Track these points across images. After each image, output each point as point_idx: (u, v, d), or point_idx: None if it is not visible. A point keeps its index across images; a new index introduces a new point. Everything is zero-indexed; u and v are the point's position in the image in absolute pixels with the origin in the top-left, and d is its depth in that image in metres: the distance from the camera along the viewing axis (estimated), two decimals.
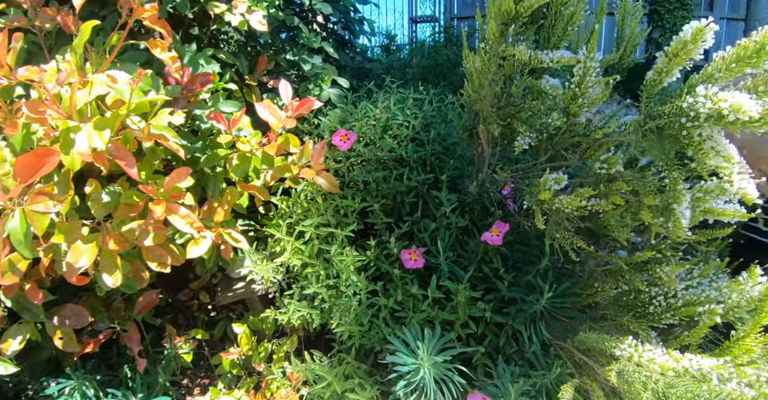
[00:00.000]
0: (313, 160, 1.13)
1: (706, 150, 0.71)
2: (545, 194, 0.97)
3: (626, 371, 0.83)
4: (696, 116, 0.68)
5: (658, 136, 0.82)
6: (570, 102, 0.92)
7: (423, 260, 1.18)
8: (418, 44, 2.90)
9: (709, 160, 0.71)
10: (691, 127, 0.70)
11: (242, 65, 1.39)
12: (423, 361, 0.96)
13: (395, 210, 1.38)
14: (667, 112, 0.75)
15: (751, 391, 0.61)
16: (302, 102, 1.07)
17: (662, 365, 0.78)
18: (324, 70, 1.52)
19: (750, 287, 0.84)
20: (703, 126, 0.69)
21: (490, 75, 0.96)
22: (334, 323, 1.17)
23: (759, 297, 0.84)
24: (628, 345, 0.87)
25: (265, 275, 1.27)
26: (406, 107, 1.38)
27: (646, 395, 0.77)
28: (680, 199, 0.77)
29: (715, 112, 0.65)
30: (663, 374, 0.77)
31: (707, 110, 0.66)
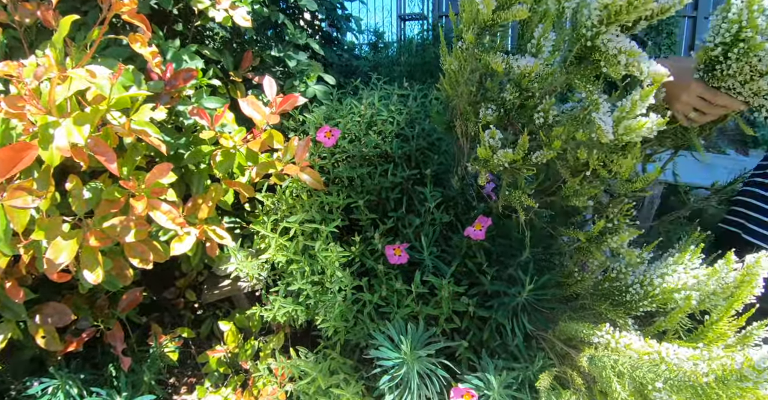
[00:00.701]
0: (298, 156, 1.13)
1: (613, 53, 0.76)
2: (484, 151, 0.98)
3: (597, 356, 0.84)
4: (592, 24, 0.74)
5: (578, 64, 0.86)
6: (522, 77, 0.94)
7: (407, 256, 1.18)
8: (406, 42, 2.90)
9: (618, 63, 0.76)
10: (594, 36, 0.75)
11: (227, 61, 1.39)
12: (407, 355, 0.97)
13: (380, 206, 1.38)
14: (576, 36, 0.80)
15: (704, 366, 0.63)
16: (286, 98, 1.07)
17: (639, 350, 0.79)
18: (310, 66, 1.52)
19: (725, 273, 0.86)
20: (601, 30, 0.74)
21: (466, 74, 0.97)
22: (319, 319, 1.18)
23: (734, 284, 0.86)
24: (605, 332, 0.88)
25: (250, 271, 1.26)
26: (390, 103, 1.39)
27: (615, 378, 0.79)
28: (597, 107, 0.81)
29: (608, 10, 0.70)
30: (633, 357, 0.79)
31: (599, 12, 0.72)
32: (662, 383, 0.68)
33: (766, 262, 0.83)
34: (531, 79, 0.93)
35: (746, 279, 0.86)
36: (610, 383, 0.78)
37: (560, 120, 0.97)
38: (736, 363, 0.57)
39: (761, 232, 1.05)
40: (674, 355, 0.77)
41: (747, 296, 0.85)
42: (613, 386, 0.77)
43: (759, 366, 0.54)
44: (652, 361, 0.71)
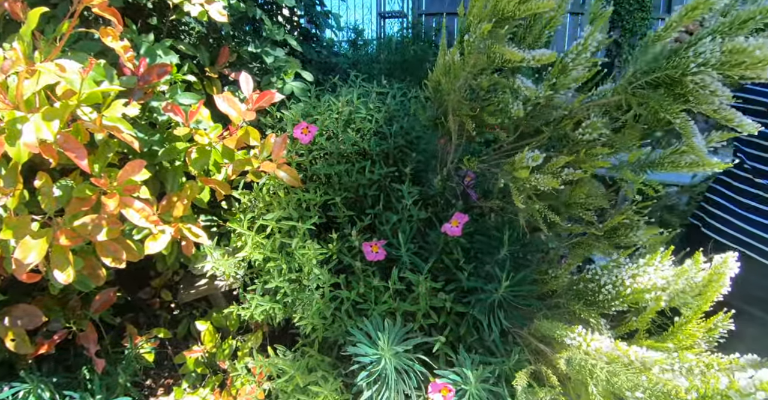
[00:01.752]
0: (275, 153, 1.12)
1: (705, 94, 0.78)
2: (522, 172, 1.00)
3: (575, 358, 0.86)
4: (704, 63, 0.75)
5: (653, 89, 0.87)
6: (559, 75, 0.95)
7: (384, 252, 1.19)
8: (385, 40, 2.90)
9: (709, 103, 0.78)
10: (696, 72, 0.76)
11: (203, 57, 1.37)
12: (384, 351, 0.97)
13: (357, 203, 1.39)
14: (665, 64, 0.81)
15: (684, 381, 0.65)
16: (262, 94, 1.06)
17: (609, 354, 0.81)
18: (287, 63, 1.50)
19: (694, 273, 0.88)
20: (707, 72, 0.75)
21: (468, 68, 0.98)
22: (297, 316, 1.17)
23: (702, 283, 0.89)
24: (577, 334, 0.90)
25: (227, 270, 1.25)
26: (369, 101, 1.39)
27: (592, 382, 0.80)
28: (690, 133, 0.83)
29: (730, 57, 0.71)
30: (608, 363, 0.81)
31: (717, 55, 0.73)
32: (641, 393, 0.69)
33: (733, 262, 0.86)
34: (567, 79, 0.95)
35: (714, 279, 0.88)
36: (586, 386, 0.79)
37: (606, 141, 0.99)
38: (721, 383, 0.59)
39: (717, 226, 1.09)
40: (642, 359, 0.79)
41: (715, 296, 0.87)
42: (590, 389, 0.79)
43: (745, 390, 0.55)
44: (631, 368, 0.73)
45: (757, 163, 1.05)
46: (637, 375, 0.72)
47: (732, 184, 1.10)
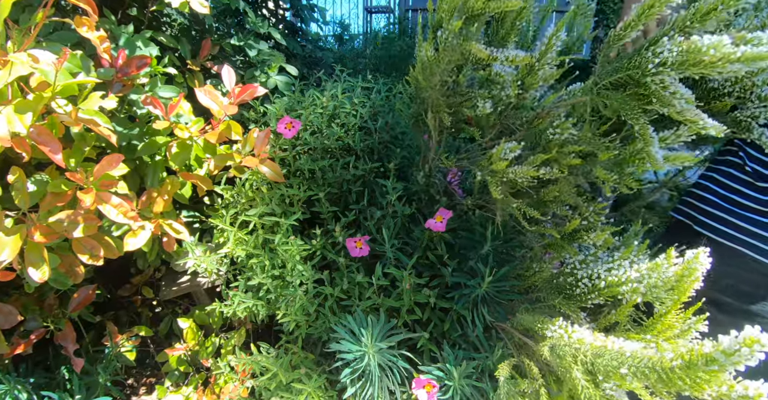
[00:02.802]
0: (257, 148, 1.11)
1: (668, 96, 0.76)
2: (500, 164, 0.99)
3: (558, 345, 0.86)
4: (662, 63, 0.73)
5: (616, 91, 0.86)
6: (526, 75, 0.95)
7: (368, 248, 1.18)
8: (371, 35, 2.88)
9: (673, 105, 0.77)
10: (656, 73, 0.75)
11: (184, 49, 1.34)
12: (368, 348, 0.97)
13: (341, 199, 1.38)
14: (626, 65, 0.79)
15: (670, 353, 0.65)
16: (244, 88, 1.04)
17: (592, 344, 0.82)
18: (271, 56, 1.48)
19: (665, 268, 0.89)
20: (666, 72, 0.73)
21: (443, 64, 0.97)
22: (280, 313, 1.16)
23: (674, 278, 0.90)
24: (558, 326, 0.90)
25: (209, 266, 1.23)
26: (354, 96, 1.37)
27: (576, 367, 0.81)
28: (650, 141, 0.82)
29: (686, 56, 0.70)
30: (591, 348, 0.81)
31: (674, 55, 0.71)
32: (626, 369, 0.70)
33: (705, 258, 0.87)
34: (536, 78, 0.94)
35: (686, 273, 0.89)
36: (570, 370, 0.80)
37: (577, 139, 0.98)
38: (705, 348, 0.59)
39: (710, 223, 1.09)
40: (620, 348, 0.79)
41: (689, 290, 0.88)
42: (573, 374, 0.79)
43: (729, 349, 0.56)
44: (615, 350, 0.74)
45: (760, 166, 1.03)
46: (621, 353, 0.72)
47: (730, 185, 1.09)
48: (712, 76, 0.71)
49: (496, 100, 1.09)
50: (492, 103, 1.09)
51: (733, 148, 1.11)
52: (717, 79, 0.98)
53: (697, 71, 0.72)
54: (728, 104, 0.99)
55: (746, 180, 1.05)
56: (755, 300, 1.02)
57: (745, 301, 1.02)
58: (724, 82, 0.96)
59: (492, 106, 1.08)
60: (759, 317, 1.02)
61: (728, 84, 0.96)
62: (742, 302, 1.03)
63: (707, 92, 1.00)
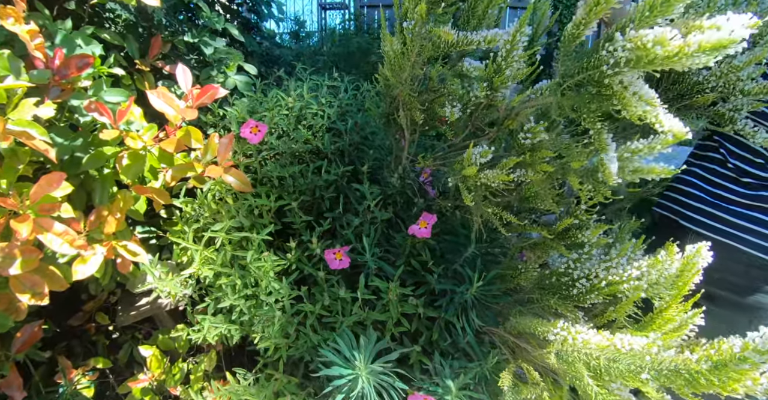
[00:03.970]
0: (220, 155, 1.00)
1: (629, 97, 0.70)
2: (470, 169, 0.93)
3: (564, 351, 0.82)
4: (616, 63, 0.67)
5: (578, 92, 0.80)
6: (494, 75, 0.88)
7: (349, 259, 1.10)
8: (328, 32, 2.78)
9: (634, 107, 0.70)
10: (612, 74, 0.69)
11: (132, 48, 1.20)
12: (360, 370, 0.89)
13: (314, 206, 1.29)
14: (585, 65, 0.73)
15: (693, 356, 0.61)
16: (204, 89, 0.93)
17: (598, 345, 0.77)
18: (229, 54, 1.36)
19: (668, 264, 0.87)
20: (623, 72, 0.67)
21: (413, 57, 0.89)
22: (257, 336, 1.06)
23: (676, 273, 0.87)
24: (560, 328, 0.86)
25: (172, 290, 1.12)
26: (320, 95, 1.28)
27: (588, 373, 0.76)
28: (605, 148, 0.77)
29: (636, 53, 0.63)
30: (602, 351, 0.77)
31: (627, 53, 0.65)
32: (647, 374, 0.65)
33: (706, 252, 0.85)
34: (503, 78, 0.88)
35: (687, 268, 0.87)
36: (581, 378, 0.75)
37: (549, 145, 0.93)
38: (735, 347, 0.55)
39: (697, 218, 1.08)
40: (629, 345, 0.76)
41: (689, 284, 0.86)
42: (585, 380, 0.74)
43: (763, 348, 0.52)
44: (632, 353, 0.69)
45: (741, 162, 1.04)
46: (640, 357, 0.68)
47: (714, 181, 1.09)
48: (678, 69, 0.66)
49: (465, 101, 1.03)
50: (461, 106, 1.03)
51: (713, 144, 1.11)
52: (702, 73, 0.96)
53: (654, 68, 0.66)
54: (710, 98, 0.97)
55: (730, 176, 1.06)
56: (747, 292, 1.02)
57: (736, 293, 1.02)
58: (709, 76, 0.94)
59: (461, 110, 1.03)
60: (753, 309, 1.01)
61: (713, 79, 0.94)
62: (734, 294, 1.03)
63: (691, 86, 0.98)
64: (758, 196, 1.01)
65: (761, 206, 1.00)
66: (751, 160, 1.02)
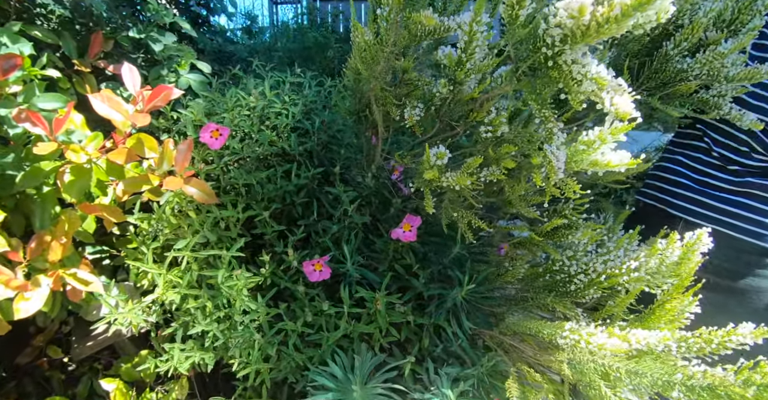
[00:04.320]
0: (178, 164, 0.89)
1: (576, 76, 0.64)
2: (431, 173, 0.86)
3: (578, 361, 0.77)
4: (553, 42, 0.62)
5: (531, 77, 0.75)
6: (456, 68, 0.82)
7: (329, 269, 1.02)
8: (281, 27, 2.65)
9: (580, 87, 0.64)
10: (555, 54, 0.63)
11: (68, 46, 1.05)
12: (356, 393, 0.81)
13: (284, 214, 1.19)
14: (531, 48, 0.68)
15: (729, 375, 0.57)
16: (157, 90, 0.82)
17: (613, 349, 0.73)
18: (180, 52, 1.23)
19: (670, 253, 0.84)
20: (564, 50, 0.62)
21: (388, 48, 0.81)
22: (235, 362, 0.96)
23: (677, 261, 0.84)
24: (570, 331, 0.81)
25: (134, 320, 1.00)
26: (283, 93, 1.18)
27: (604, 383, 0.72)
28: (551, 138, 0.72)
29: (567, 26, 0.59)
30: (616, 356, 0.72)
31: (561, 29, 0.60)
32: (677, 392, 0.61)
33: (707, 238, 0.82)
34: (465, 70, 0.81)
35: (687, 256, 0.84)
36: (599, 389, 0.70)
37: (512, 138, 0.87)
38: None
39: (686, 206, 1.07)
40: (644, 341, 0.72)
41: (692, 273, 0.83)
42: (603, 391, 0.69)
43: None
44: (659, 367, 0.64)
45: (726, 151, 1.03)
46: (669, 372, 0.63)
47: (701, 169, 1.09)
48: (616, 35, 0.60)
49: (429, 98, 0.96)
50: (423, 105, 0.96)
51: (696, 132, 1.11)
52: (687, 61, 0.93)
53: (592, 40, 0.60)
54: (693, 86, 0.95)
55: (716, 164, 1.06)
56: (738, 276, 1.02)
57: (727, 277, 1.02)
58: (693, 63, 0.92)
59: (423, 109, 0.96)
60: (743, 292, 1.01)
61: (697, 66, 0.92)
62: (725, 279, 1.03)
63: (674, 75, 0.95)
64: (745, 183, 1.01)
65: (749, 191, 1.01)
66: (735, 148, 1.02)
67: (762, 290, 1.00)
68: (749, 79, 0.88)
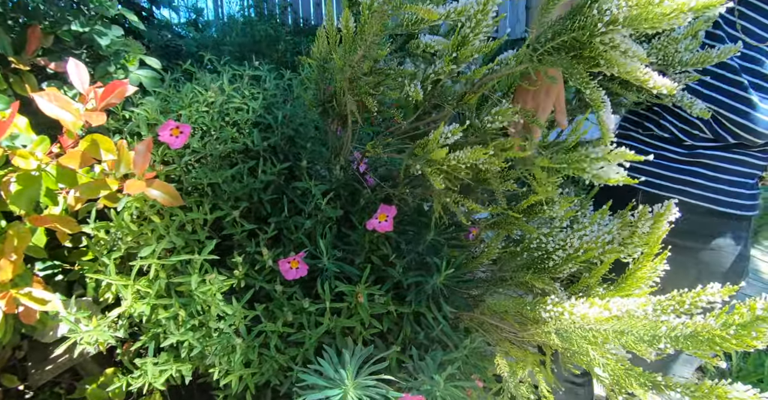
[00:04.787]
0: (138, 166, 0.83)
1: (617, 56, 0.69)
2: (440, 152, 0.85)
3: (564, 329, 0.79)
4: (612, 20, 0.65)
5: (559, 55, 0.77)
6: (458, 47, 0.82)
7: (306, 266, 0.99)
8: (229, 20, 2.55)
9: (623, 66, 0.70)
10: (604, 32, 0.66)
11: (2, 42, 0.95)
12: (347, 387, 0.79)
13: (252, 213, 1.15)
14: (571, 26, 0.70)
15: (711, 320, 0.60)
16: (110, 87, 0.76)
17: (596, 317, 0.76)
18: (126, 46, 1.15)
19: (642, 224, 0.88)
20: (617, 30, 0.66)
21: (369, 37, 0.80)
22: (215, 370, 0.92)
23: (649, 231, 0.89)
24: (553, 305, 0.83)
25: (100, 338, 0.93)
26: (242, 87, 1.14)
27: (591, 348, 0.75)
28: (600, 105, 0.75)
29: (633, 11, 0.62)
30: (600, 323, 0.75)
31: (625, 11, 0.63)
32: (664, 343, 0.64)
33: (674, 207, 0.87)
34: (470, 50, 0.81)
35: (657, 225, 0.89)
36: (586, 352, 0.74)
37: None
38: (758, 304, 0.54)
39: (647, 179, 1.16)
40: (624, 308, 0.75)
41: (659, 240, 0.88)
42: (590, 352, 0.73)
43: None
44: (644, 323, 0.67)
45: (680, 132, 1.13)
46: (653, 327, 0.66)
47: (659, 145, 1.18)
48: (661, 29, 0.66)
49: (423, 78, 0.96)
50: (419, 83, 0.96)
51: (653, 115, 1.20)
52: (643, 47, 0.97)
53: (649, 26, 0.65)
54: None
55: (671, 139, 1.16)
56: (698, 237, 1.13)
57: (687, 239, 1.11)
58: (650, 50, 0.96)
59: (422, 88, 0.95)
60: (697, 250, 1.14)
61: (654, 52, 0.96)
62: (685, 240, 1.11)
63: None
64: (697, 154, 1.12)
65: (700, 161, 1.12)
66: (688, 130, 1.12)
67: (717, 247, 1.12)
68: (701, 63, 0.95)
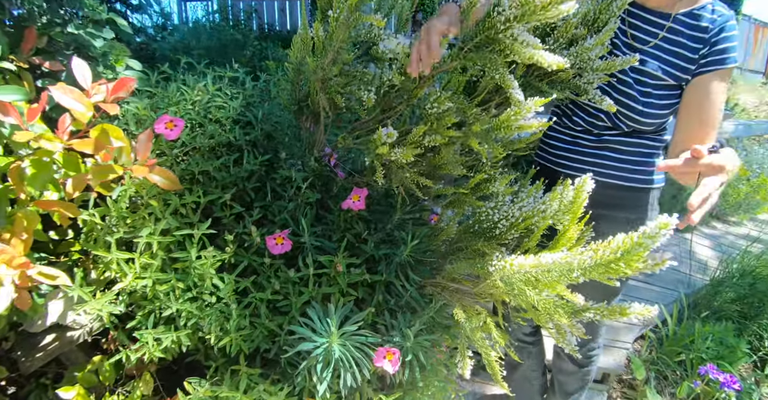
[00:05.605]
0: (141, 154, 0.94)
1: (519, 46, 0.90)
2: (382, 149, 1.05)
3: (507, 275, 0.96)
4: (507, 19, 0.87)
5: (479, 51, 0.98)
6: (407, 55, 0.99)
7: (290, 242, 1.12)
8: (196, 24, 2.61)
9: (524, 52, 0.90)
10: (504, 29, 0.88)
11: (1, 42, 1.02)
12: (333, 337, 0.93)
13: (236, 199, 1.26)
14: (483, 28, 0.93)
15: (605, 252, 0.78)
16: (120, 82, 0.86)
17: (531, 265, 0.93)
18: (113, 48, 1.23)
19: (565, 196, 1.07)
20: (513, 26, 0.87)
21: (338, 44, 0.95)
22: (212, 336, 1.02)
23: (571, 202, 1.07)
24: (497, 260, 1.00)
25: (105, 311, 1.01)
26: (224, 87, 1.25)
27: (528, 288, 0.92)
28: (510, 85, 0.95)
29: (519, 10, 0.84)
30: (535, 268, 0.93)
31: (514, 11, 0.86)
32: (577, 272, 0.82)
33: (591, 183, 1.05)
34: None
35: (577, 196, 1.07)
36: (523, 292, 0.91)
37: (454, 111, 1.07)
38: (635, 238, 0.72)
39: (564, 163, 1.45)
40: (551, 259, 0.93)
41: (582, 207, 1.07)
42: (527, 292, 0.91)
43: (652, 233, 0.69)
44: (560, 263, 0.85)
45: (590, 126, 1.39)
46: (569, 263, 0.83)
47: (574, 135, 1.44)
48: (550, 20, 0.88)
49: (378, 84, 1.13)
50: (374, 90, 1.13)
51: (567, 111, 1.44)
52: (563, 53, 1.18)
53: (536, 19, 0.87)
54: (570, 74, 1.21)
55: (582, 129, 1.42)
56: (604, 207, 1.36)
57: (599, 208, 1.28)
58: (568, 55, 1.17)
59: (375, 94, 1.12)
60: (610, 217, 1.38)
61: (571, 58, 1.16)
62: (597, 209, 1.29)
63: None
64: (603, 140, 1.39)
65: (606, 146, 1.39)
66: (594, 122, 1.38)
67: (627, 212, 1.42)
68: (608, 69, 1.17)
